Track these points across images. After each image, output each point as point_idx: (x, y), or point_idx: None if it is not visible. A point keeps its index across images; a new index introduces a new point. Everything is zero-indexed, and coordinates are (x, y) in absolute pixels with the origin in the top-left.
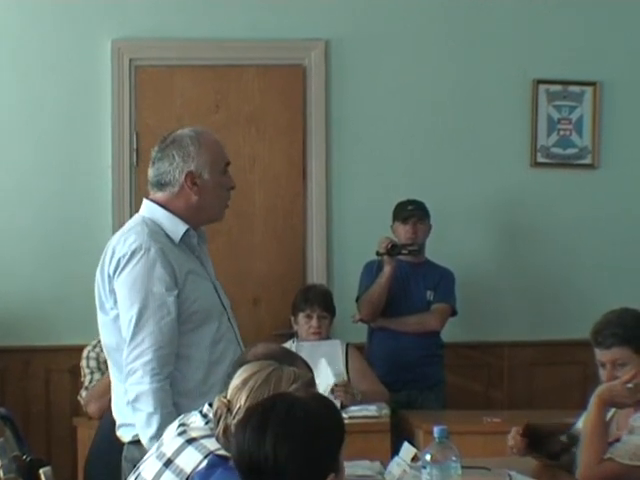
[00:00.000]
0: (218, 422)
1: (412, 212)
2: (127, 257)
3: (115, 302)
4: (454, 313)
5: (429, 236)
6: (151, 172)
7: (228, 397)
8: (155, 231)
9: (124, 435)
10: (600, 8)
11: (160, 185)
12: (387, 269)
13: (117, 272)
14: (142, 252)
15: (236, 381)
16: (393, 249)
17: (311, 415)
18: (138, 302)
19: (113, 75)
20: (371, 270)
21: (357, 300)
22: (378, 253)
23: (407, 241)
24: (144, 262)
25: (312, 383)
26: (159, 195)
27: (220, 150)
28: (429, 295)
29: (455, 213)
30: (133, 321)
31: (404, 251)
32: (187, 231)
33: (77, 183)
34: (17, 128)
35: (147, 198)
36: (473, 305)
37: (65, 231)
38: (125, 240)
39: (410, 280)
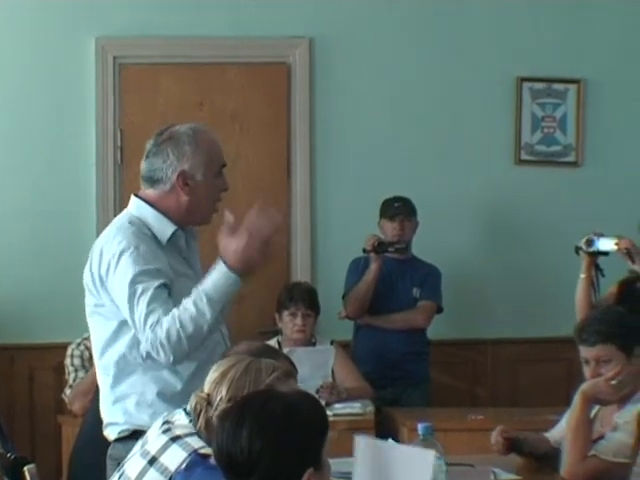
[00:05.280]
0: (198, 417)
1: (399, 209)
2: (117, 256)
3: (110, 300)
4: (440, 310)
5: (415, 233)
6: (144, 166)
7: (207, 391)
8: (141, 231)
9: (110, 434)
10: (583, 5)
11: (152, 181)
12: (374, 266)
13: (109, 271)
14: (131, 249)
15: (214, 374)
16: (380, 247)
17: (289, 410)
18: (130, 292)
19: (97, 73)
20: (357, 267)
21: (343, 297)
22: (365, 250)
23: (394, 238)
24: (134, 258)
25: (292, 373)
26: (149, 192)
27: (217, 151)
28: (415, 292)
29: (440, 211)
30: (128, 308)
31: (391, 249)
32: (175, 232)
33: (61, 181)
34: (0, 126)
35: (136, 195)
36: (457, 302)
37: (49, 229)
38: (113, 239)
39: (397, 277)
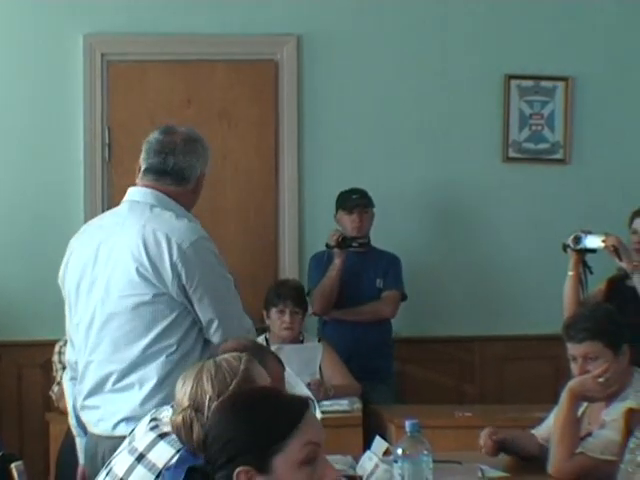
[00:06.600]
0: (192, 430)
1: (356, 201)
2: (194, 245)
3: (178, 288)
4: (404, 298)
5: (372, 224)
6: (169, 161)
7: (187, 404)
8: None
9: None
10: (572, 3)
11: (180, 178)
12: (337, 261)
13: (186, 260)
14: (205, 241)
15: (187, 386)
16: (344, 242)
17: (253, 404)
18: (219, 285)
19: (85, 70)
20: (320, 263)
21: (308, 294)
22: (328, 246)
23: (353, 231)
24: (212, 249)
25: (258, 352)
26: (171, 188)
27: None
28: (379, 283)
29: (428, 208)
30: (224, 297)
31: (355, 244)
32: None
33: (49, 178)
34: None
35: (148, 187)
36: (445, 300)
37: (36, 226)
38: (173, 229)
39: (359, 269)
